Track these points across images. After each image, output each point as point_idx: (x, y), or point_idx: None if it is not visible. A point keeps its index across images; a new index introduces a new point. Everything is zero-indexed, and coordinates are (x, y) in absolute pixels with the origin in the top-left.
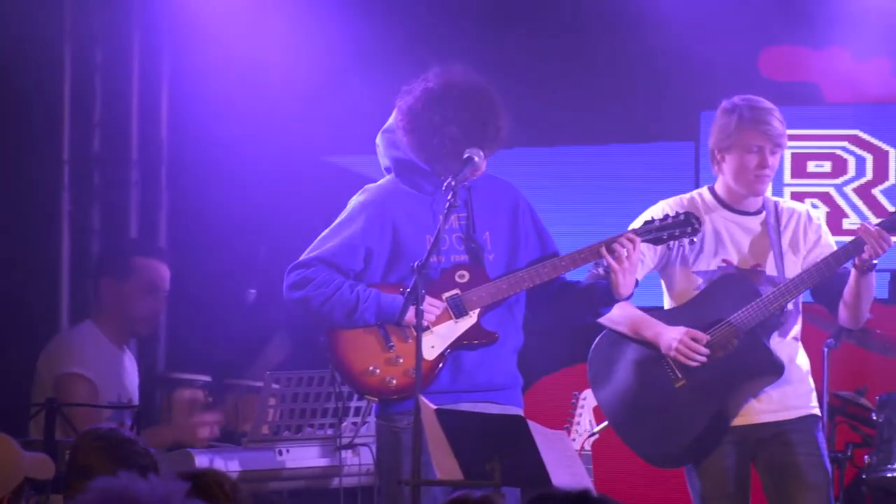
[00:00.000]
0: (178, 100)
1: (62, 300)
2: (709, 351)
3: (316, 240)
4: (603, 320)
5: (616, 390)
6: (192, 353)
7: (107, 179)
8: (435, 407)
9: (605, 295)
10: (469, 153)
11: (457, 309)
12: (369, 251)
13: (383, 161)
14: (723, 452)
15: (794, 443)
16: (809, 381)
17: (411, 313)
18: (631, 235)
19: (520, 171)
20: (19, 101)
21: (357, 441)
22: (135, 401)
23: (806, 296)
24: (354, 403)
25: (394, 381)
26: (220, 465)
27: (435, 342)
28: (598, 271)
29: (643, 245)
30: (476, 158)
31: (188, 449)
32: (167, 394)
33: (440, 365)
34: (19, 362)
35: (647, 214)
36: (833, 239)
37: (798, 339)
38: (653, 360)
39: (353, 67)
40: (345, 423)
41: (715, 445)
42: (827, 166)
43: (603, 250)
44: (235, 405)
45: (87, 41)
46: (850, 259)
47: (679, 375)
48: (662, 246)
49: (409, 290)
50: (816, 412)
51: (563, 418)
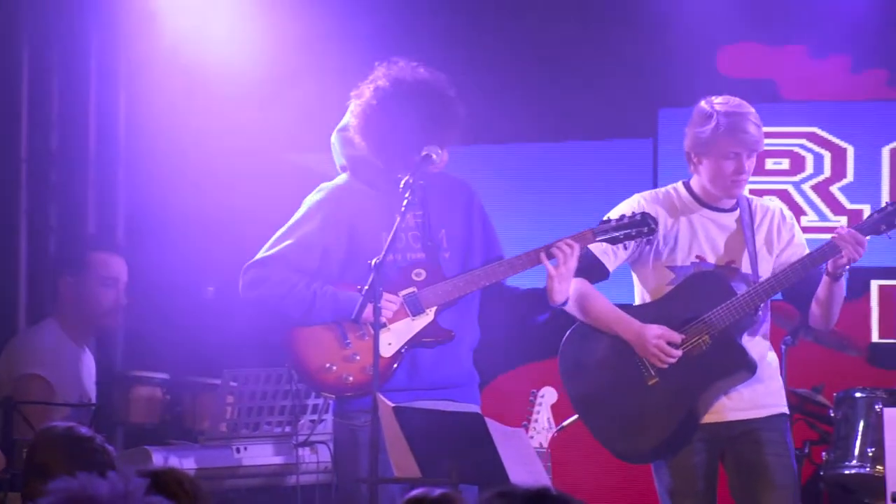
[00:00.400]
0: (136, 97)
1: (20, 298)
2: (681, 353)
3: (271, 238)
4: (576, 314)
5: (587, 385)
6: (150, 350)
7: (64, 177)
8: (393, 405)
9: (540, 301)
10: (427, 150)
11: (414, 307)
12: (325, 249)
13: (339, 160)
14: (692, 450)
15: (763, 442)
16: (780, 380)
17: (369, 311)
18: (569, 241)
19: (478, 168)
20: None
21: (314, 439)
22: (93, 400)
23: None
24: (312, 401)
25: (350, 379)
26: (175, 462)
27: (392, 339)
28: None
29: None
30: (434, 156)
31: (146, 447)
32: (125, 391)
33: (397, 362)
34: None
35: (624, 206)
36: (804, 238)
37: (768, 338)
38: (625, 357)
39: (311, 65)
40: (302, 421)
41: (685, 443)
42: (785, 163)
43: (542, 256)
44: (193, 403)
45: (45, 40)
46: (824, 262)
47: (652, 373)
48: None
49: (367, 287)
50: (786, 411)
51: (521, 416)
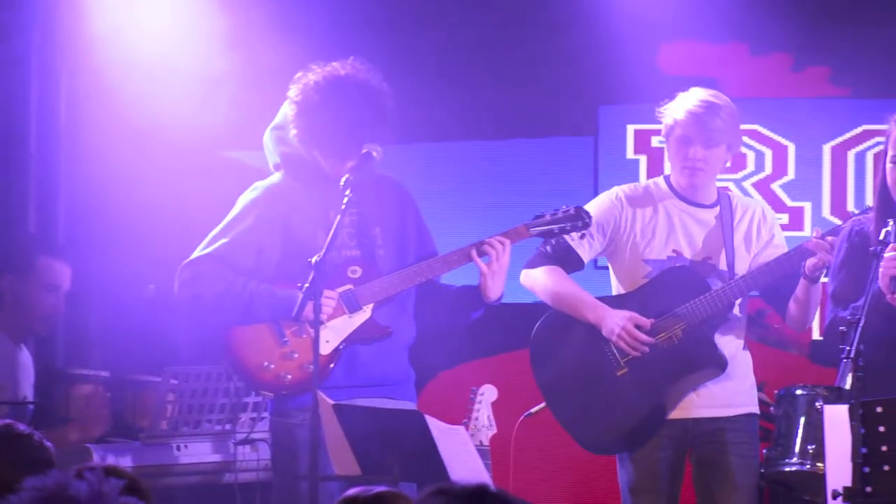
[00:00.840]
0: (76, 96)
1: None
2: (652, 340)
3: (207, 237)
4: (546, 299)
5: (556, 373)
6: (91, 348)
7: (4, 176)
8: (333, 402)
9: (474, 298)
10: (368, 148)
11: (350, 304)
12: (260, 248)
13: (272, 158)
14: (657, 445)
15: (728, 442)
16: (752, 379)
17: (309, 308)
18: (501, 238)
19: (419, 166)
20: None
21: (255, 436)
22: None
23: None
24: (252, 399)
25: (289, 377)
26: (112, 460)
27: (329, 337)
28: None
29: (594, 229)
30: (375, 153)
31: (86, 444)
32: (66, 389)
33: (334, 360)
34: None
35: (603, 198)
36: (784, 238)
37: (742, 337)
38: (595, 346)
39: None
40: (243, 419)
41: (651, 436)
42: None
43: (473, 253)
44: (134, 400)
45: None
46: (796, 265)
47: (621, 363)
48: (611, 230)
49: (307, 285)
50: (755, 410)
51: (461, 414)
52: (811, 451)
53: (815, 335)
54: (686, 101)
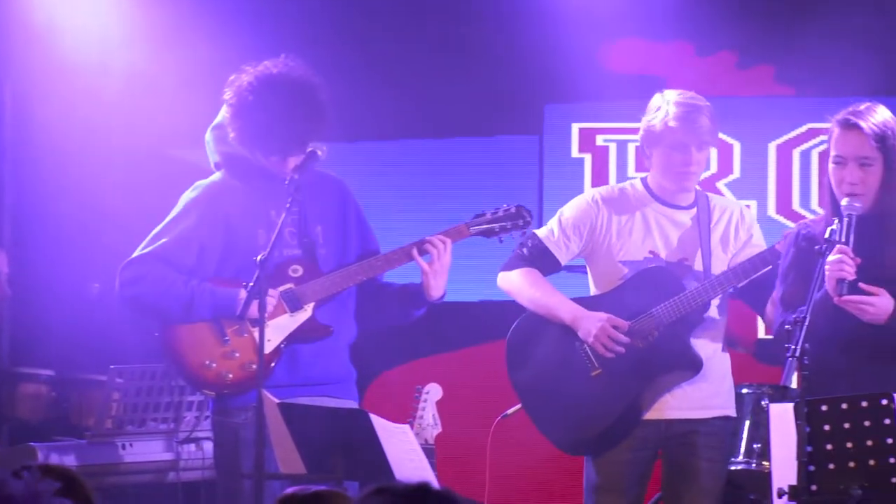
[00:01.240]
0: (22, 95)
1: None
2: (628, 340)
3: (148, 236)
4: (521, 300)
5: (532, 374)
6: (36, 347)
7: None
8: (278, 401)
9: (416, 297)
10: (313, 147)
11: (292, 303)
12: (202, 246)
13: (213, 157)
14: (628, 445)
15: (699, 445)
16: (729, 381)
17: (254, 307)
18: (441, 237)
19: (363, 165)
20: None
21: (199, 435)
22: None
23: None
24: (196, 398)
25: (230, 376)
26: (57, 459)
27: (271, 336)
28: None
29: (571, 231)
30: (319, 153)
31: (31, 444)
32: (10, 388)
33: (276, 359)
34: None
35: (579, 200)
36: (763, 239)
37: (720, 339)
38: (570, 347)
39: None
40: (188, 417)
41: (624, 436)
42: None
43: (414, 252)
44: (79, 399)
45: None
46: (768, 265)
47: (595, 364)
48: (587, 232)
49: (251, 283)
50: (731, 413)
51: (406, 412)
52: (756, 450)
53: (761, 334)
54: (672, 106)
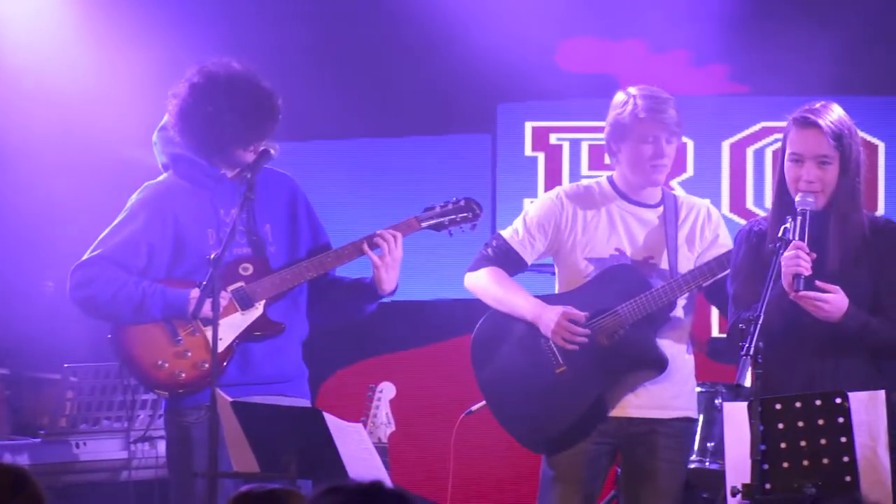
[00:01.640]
0: None
1: None
2: (588, 331)
3: (97, 239)
4: (487, 300)
5: (497, 372)
6: None
7: None
8: (231, 399)
9: (368, 291)
10: (266, 146)
11: (243, 301)
12: (151, 247)
13: (161, 158)
14: (589, 438)
15: (658, 446)
16: (692, 383)
17: (207, 306)
18: (392, 231)
19: (316, 164)
20: None
21: (153, 434)
22: None
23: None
24: (150, 396)
25: (183, 375)
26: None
27: (223, 334)
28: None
29: (535, 229)
30: (272, 151)
31: None
32: None
33: (228, 357)
34: None
35: (544, 199)
36: (730, 238)
37: (685, 340)
38: (535, 344)
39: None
40: (141, 416)
41: (588, 434)
42: None
43: (365, 246)
44: (33, 398)
45: None
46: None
47: (560, 361)
48: (552, 230)
49: (204, 283)
50: (692, 415)
51: (359, 411)
52: (710, 448)
53: (715, 332)
54: (640, 99)
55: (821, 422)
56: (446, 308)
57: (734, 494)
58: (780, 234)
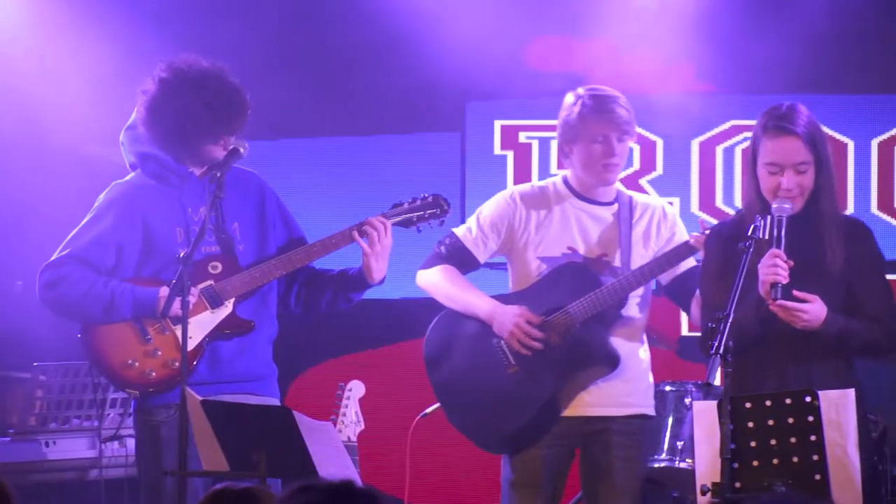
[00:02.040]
0: None
1: None
2: (543, 335)
3: (67, 238)
4: (440, 298)
5: (449, 372)
6: None
7: None
8: (200, 398)
9: (357, 281)
10: (235, 144)
11: (212, 299)
12: (120, 247)
13: (128, 157)
14: (544, 441)
15: (614, 444)
16: (648, 379)
17: (177, 304)
18: (381, 219)
19: (285, 162)
20: None
21: (123, 433)
22: None
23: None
24: (120, 395)
25: (153, 374)
26: None
27: (193, 333)
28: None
29: (488, 228)
30: (241, 149)
31: None
32: None
33: (198, 356)
34: None
35: (498, 198)
36: (687, 236)
37: (639, 337)
38: (487, 344)
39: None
40: (111, 415)
41: (543, 433)
42: None
43: (355, 234)
44: (2, 397)
45: None
46: (682, 259)
47: (512, 361)
48: (506, 229)
49: (174, 281)
50: (648, 412)
51: (329, 410)
52: (679, 447)
53: (685, 331)
54: (588, 99)
55: (791, 420)
56: (415, 306)
57: (704, 493)
58: (749, 232)
